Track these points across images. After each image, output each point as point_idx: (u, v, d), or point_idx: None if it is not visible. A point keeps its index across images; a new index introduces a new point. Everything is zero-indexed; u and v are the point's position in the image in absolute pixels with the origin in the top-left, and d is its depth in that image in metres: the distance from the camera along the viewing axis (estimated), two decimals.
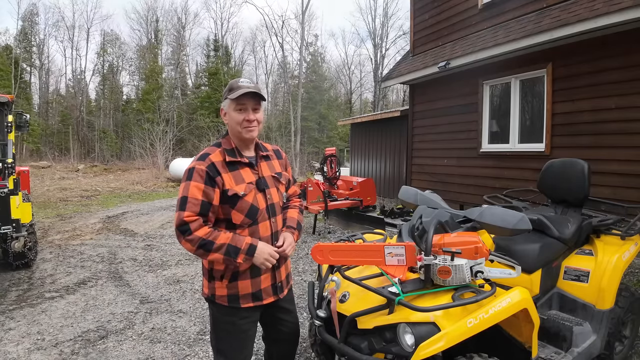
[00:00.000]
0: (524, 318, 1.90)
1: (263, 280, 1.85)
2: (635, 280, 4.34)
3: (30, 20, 32.39)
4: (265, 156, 1.91)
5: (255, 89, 1.74)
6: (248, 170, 1.81)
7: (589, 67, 5.16)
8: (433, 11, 7.84)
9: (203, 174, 1.68)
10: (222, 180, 1.70)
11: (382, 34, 35.14)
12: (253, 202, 1.76)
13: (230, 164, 1.76)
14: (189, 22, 36.80)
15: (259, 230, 1.79)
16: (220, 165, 1.73)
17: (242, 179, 1.76)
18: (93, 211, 10.08)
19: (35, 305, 4.01)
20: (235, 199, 1.72)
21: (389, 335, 1.81)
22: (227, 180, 1.71)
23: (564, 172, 2.90)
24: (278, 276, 1.92)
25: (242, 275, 1.79)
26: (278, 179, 1.91)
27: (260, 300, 1.85)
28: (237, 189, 1.72)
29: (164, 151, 20.03)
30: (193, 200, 1.66)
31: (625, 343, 2.71)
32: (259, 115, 1.80)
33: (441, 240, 1.86)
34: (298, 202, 2.11)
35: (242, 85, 1.74)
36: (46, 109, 33.73)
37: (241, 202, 1.73)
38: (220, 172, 1.71)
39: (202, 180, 1.68)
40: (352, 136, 13.04)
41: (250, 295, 1.83)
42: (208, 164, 1.71)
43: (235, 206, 1.73)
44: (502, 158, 6.45)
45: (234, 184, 1.73)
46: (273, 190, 1.86)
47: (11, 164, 4.92)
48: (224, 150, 1.78)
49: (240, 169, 1.78)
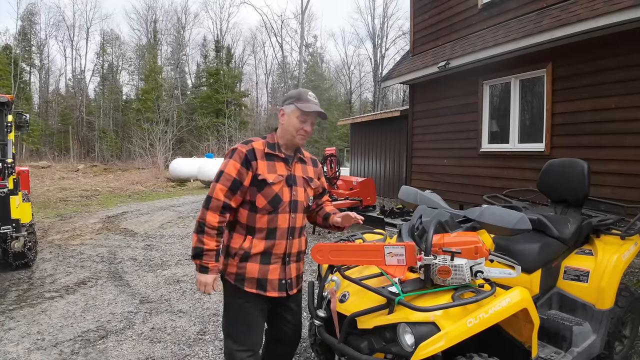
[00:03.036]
0: (524, 318, 1.90)
1: (271, 270, 1.93)
2: (635, 280, 4.34)
3: (29, 20, 32.40)
4: (301, 159, 2.07)
5: (323, 110, 1.97)
6: (282, 164, 1.96)
7: (589, 67, 5.16)
8: (433, 11, 7.84)
9: (242, 155, 1.87)
10: (256, 165, 1.88)
11: (382, 34, 35.17)
12: (278, 192, 1.90)
13: (268, 155, 1.93)
14: (189, 22, 36.84)
15: (278, 219, 1.90)
16: (259, 153, 1.90)
17: (275, 170, 1.92)
18: (93, 211, 10.08)
19: (35, 305, 4.01)
20: (263, 185, 1.88)
21: (389, 335, 1.81)
22: (260, 167, 1.88)
23: (564, 172, 2.90)
24: (288, 272, 1.98)
25: (252, 258, 1.90)
26: (308, 182, 2.05)
27: (263, 289, 1.92)
28: (268, 176, 1.88)
29: (163, 151, 20.04)
30: (227, 176, 1.85)
31: (625, 343, 2.71)
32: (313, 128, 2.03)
33: (441, 240, 1.86)
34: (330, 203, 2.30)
35: (311, 100, 1.94)
36: (46, 109, 33.74)
37: (267, 189, 1.88)
38: (257, 158, 1.89)
39: (239, 161, 1.86)
40: (352, 136, 13.04)
41: (255, 280, 1.91)
42: (249, 149, 1.89)
43: (261, 191, 1.88)
44: (502, 158, 6.45)
45: (266, 172, 1.89)
46: (300, 190, 1.99)
47: (11, 164, 4.91)
48: (267, 143, 1.95)
49: (276, 161, 1.94)
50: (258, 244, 1.90)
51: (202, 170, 15.38)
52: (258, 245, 1.90)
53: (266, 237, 1.90)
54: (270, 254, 1.92)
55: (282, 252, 1.94)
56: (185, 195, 13.55)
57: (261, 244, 1.90)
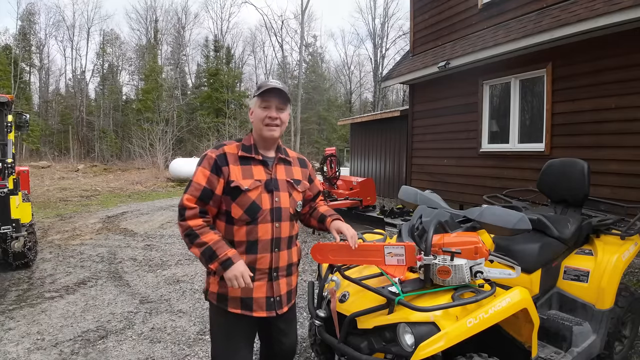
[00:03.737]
0: (524, 318, 1.91)
1: (256, 288, 1.72)
2: (635, 280, 4.34)
3: (29, 20, 32.39)
4: (284, 160, 1.84)
5: (283, 88, 1.73)
6: (261, 168, 1.76)
7: (589, 67, 5.16)
8: (433, 11, 7.84)
9: (212, 161, 1.69)
10: (228, 170, 1.69)
11: (382, 34, 35.18)
12: (256, 199, 1.69)
13: (243, 159, 1.73)
14: (189, 22, 36.84)
15: (258, 231, 1.70)
16: (232, 157, 1.72)
17: (251, 175, 1.72)
18: (93, 211, 10.08)
19: (35, 305, 4.01)
20: (237, 192, 1.68)
21: (389, 335, 1.81)
22: (233, 172, 1.69)
23: (564, 172, 2.90)
24: (276, 289, 1.76)
25: None
26: (294, 185, 1.82)
27: (249, 310, 1.72)
28: (242, 183, 1.68)
29: (163, 151, 20.04)
30: (196, 185, 1.67)
31: (624, 343, 2.71)
32: (283, 115, 1.76)
33: (441, 240, 1.86)
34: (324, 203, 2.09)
35: (270, 84, 1.73)
36: (46, 109, 33.73)
37: (243, 197, 1.68)
38: (229, 163, 1.70)
39: (209, 168, 1.69)
40: (352, 136, 13.04)
41: (239, 300, 1.71)
42: (219, 153, 1.71)
43: (235, 199, 1.69)
44: (502, 158, 6.45)
45: (240, 177, 1.69)
46: (284, 195, 1.76)
47: (11, 164, 4.92)
48: (241, 145, 1.77)
49: (253, 165, 1.75)
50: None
51: None
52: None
53: (246, 251, 1.70)
54: (252, 269, 1.69)
55: (267, 267, 1.73)
56: None
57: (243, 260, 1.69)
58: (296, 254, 1.87)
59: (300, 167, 1.91)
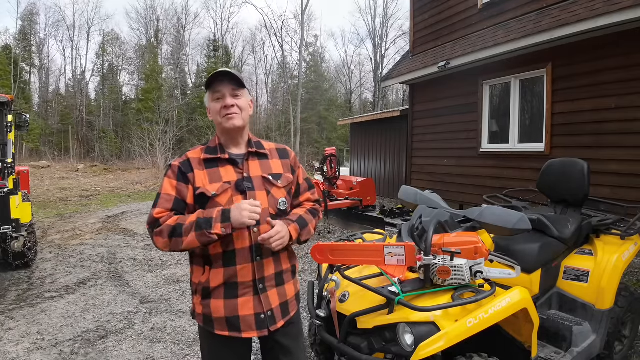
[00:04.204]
0: (524, 318, 1.91)
1: (241, 304, 1.49)
2: (635, 280, 4.34)
3: (29, 20, 32.39)
4: (257, 154, 1.62)
5: (231, 71, 1.54)
6: (230, 168, 1.55)
7: (589, 67, 5.16)
8: (433, 11, 7.84)
9: (176, 170, 1.54)
10: (194, 176, 1.52)
11: (382, 34, 35.19)
12: (227, 204, 1.48)
13: (208, 162, 1.55)
14: (189, 22, 36.84)
15: (234, 239, 1.48)
16: (196, 162, 1.55)
17: (219, 178, 1.52)
18: (93, 211, 10.08)
19: (35, 305, 4.01)
20: (204, 199, 1.50)
21: (389, 335, 1.81)
22: (199, 178, 1.52)
23: (564, 172, 2.90)
24: (265, 302, 1.52)
25: (214, 293, 1.51)
26: (272, 181, 1.58)
27: (237, 330, 1.50)
28: (208, 188, 1.50)
29: (163, 151, 20.02)
30: (166, 197, 1.51)
31: (624, 343, 2.71)
32: (241, 101, 1.56)
33: (441, 240, 1.86)
34: (310, 205, 1.73)
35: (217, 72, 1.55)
36: (46, 109, 33.72)
37: (211, 204, 1.49)
38: (194, 168, 1.53)
39: (174, 177, 1.53)
40: (352, 136, 13.04)
41: (224, 320, 1.50)
42: (182, 160, 1.56)
43: (205, 207, 1.49)
44: (502, 158, 6.45)
45: (207, 182, 1.51)
46: (260, 194, 1.53)
47: (11, 163, 4.92)
48: (205, 148, 1.60)
49: (220, 166, 1.55)
50: (216, 274, 1.49)
51: None
52: (216, 277, 1.49)
53: (224, 264, 1.48)
54: (234, 284, 1.49)
55: (251, 279, 1.50)
56: None
57: (219, 274, 1.49)
58: (287, 260, 1.62)
59: (280, 158, 1.67)
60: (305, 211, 1.66)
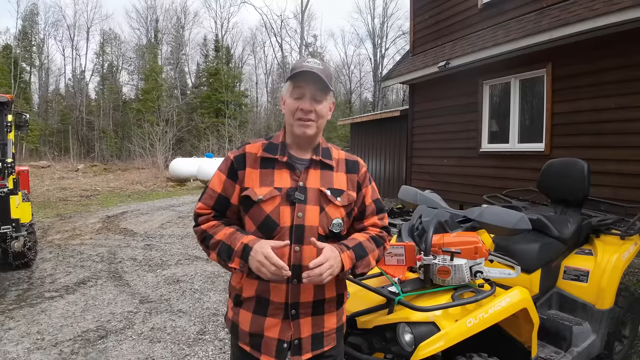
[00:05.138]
0: (524, 318, 1.91)
1: (268, 325, 1.32)
2: (635, 280, 4.34)
3: (30, 19, 32.39)
4: (322, 163, 1.39)
5: (321, 72, 1.30)
6: (286, 173, 1.35)
7: (589, 67, 5.16)
8: (433, 11, 7.84)
9: (229, 164, 1.38)
10: (244, 175, 1.35)
11: (382, 33, 35.20)
12: (271, 213, 1.30)
13: (265, 161, 1.36)
14: (189, 21, 36.84)
15: None
16: (252, 159, 1.36)
17: (271, 181, 1.33)
18: (93, 211, 10.08)
19: (34, 305, 4.01)
20: (249, 203, 1.32)
21: (389, 335, 1.81)
22: (249, 177, 1.34)
23: (564, 172, 2.90)
24: (295, 330, 1.32)
25: (245, 303, 1.36)
26: (329, 197, 1.34)
27: (257, 350, 1.34)
28: (256, 191, 1.31)
29: (163, 151, 20.03)
30: (210, 192, 1.39)
31: (624, 343, 2.71)
32: (321, 107, 1.34)
33: (441, 240, 1.86)
34: (376, 231, 1.45)
35: (307, 65, 1.32)
36: (45, 109, 33.73)
37: (255, 209, 1.32)
38: (247, 165, 1.36)
39: (225, 171, 1.38)
40: (351, 136, 13.04)
41: (248, 335, 1.35)
42: (238, 154, 1.38)
43: (248, 212, 1.34)
44: (502, 158, 6.45)
45: (256, 184, 1.33)
46: (311, 209, 1.31)
47: (11, 163, 4.92)
48: (267, 143, 1.40)
49: (276, 169, 1.35)
50: (249, 285, 1.34)
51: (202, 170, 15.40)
52: (249, 287, 1.34)
53: (259, 276, 1.27)
54: (266, 300, 1.32)
55: (283, 302, 1.31)
56: (185, 195, 13.55)
57: (253, 286, 1.33)
58: (333, 287, 1.38)
59: (346, 172, 1.42)
60: (367, 238, 1.39)
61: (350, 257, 1.30)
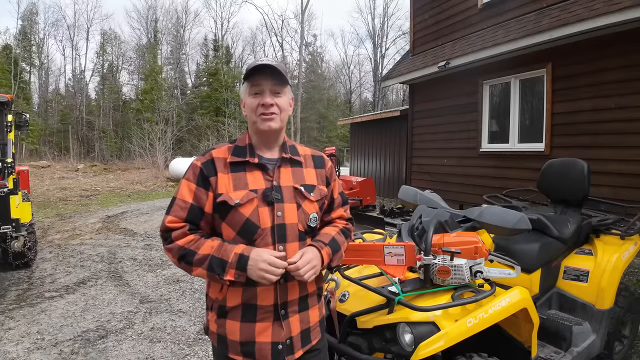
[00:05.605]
0: (524, 318, 1.91)
1: (259, 330, 1.31)
2: (635, 280, 4.34)
3: (30, 19, 32.39)
4: (292, 160, 1.41)
5: (276, 65, 1.33)
6: (258, 174, 1.35)
7: (588, 67, 5.16)
8: (433, 11, 7.84)
9: (197, 171, 1.33)
10: (216, 181, 1.31)
11: (382, 33, 35.20)
12: (251, 216, 1.29)
13: (235, 165, 1.34)
14: (189, 21, 36.83)
15: None
16: (221, 164, 1.34)
17: (245, 184, 1.32)
18: (93, 211, 10.08)
19: (35, 305, 4.01)
20: (226, 209, 1.29)
21: (389, 335, 1.81)
22: (222, 183, 1.31)
23: (564, 172, 2.90)
24: (286, 330, 1.33)
25: (231, 313, 1.33)
26: (304, 193, 1.37)
27: (252, 358, 1.33)
28: (232, 196, 1.29)
29: (163, 151, 20.02)
30: (181, 203, 1.32)
31: (624, 343, 2.71)
32: (281, 100, 1.35)
33: (441, 240, 1.86)
34: (343, 224, 1.55)
35: (259, 61, 1.33)
36: (45, 109, 33.72)
37: (233, 214, 1.29)
38: (218, 171, 1.33)
39: (194, 180, 1.33)
40: (351, 136, 13.04)
41: (239, 345, 1.33)
42: (205, 160, 1.35)
43: (225, 218, 1.31)
44: (502, 158, 6.45)
45: (230, 189, 1.30)
46: (289, 207, 1.34)
47: (11, 163, 4.92)
48: (234, 147, 1.38)
49: (248, 171, 1.34)
50: (234, 294, 1.31)
51: None
52: (234, 296, 1.31)
53: (245, 283, 1.28)
54: (253, 307, 1.31)
55: (272, 304, 1.31)
56: None
57: (237, 294, 1.31)
58: (314, 282, 1.41)
59: (315, 167, 1.46)
60: (337, 231, 1.47)
61: (328, 254, 1.37)
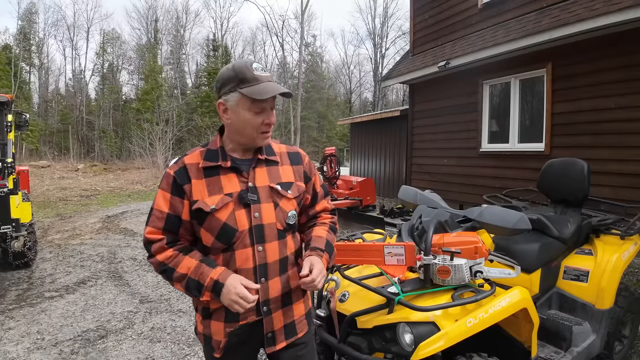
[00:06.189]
0: (524, 318, 1.91)
1: None
2: (635, 280, 4.34)
3: (29, 19, 32.39)
4: (266, 160, 1.40)
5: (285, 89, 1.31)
6: (233, 177, 1.34)
7: (588, 66, 5.16)
8: (433, 11, 7.84)
9: (171, 180, 1.32)
10: (190, 188, 1.31)
11: (382, 33, 35.21)
12: (227, 220, 1.29)
13: (208, 170, 1.33)
14: (189, 21, 36.87)
15: (236, 259, 1.32)
16: (194, 170, 1.33)
17: (220, 189, 1.31)
18: (93, 211, 10.08)
19: (35, 305, 4.01)
20: (202, 215, 1.29)
21: (389, 335, 1.81)
22: (196, 189, 1.30)
23: (564, 172, 2.90)
24: (267, 325, 1.37)
25: (215, 314, 1.36)
26: (280, 191, 1.37)
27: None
28: (207, 202, 1.29)
29: (163, 151, 20.02)
30: (158, 214, 1.31)
31: (624, 343, 2.71)
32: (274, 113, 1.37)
33: (441, 240, 1.86)
34: (328, 218, 1.56)
35: (262, 77, 1.28)
36: (45, 109, 33.74)
37: (210, 220, 1.30)
38: (191, 177, 1.32)
39: (168, 189, 1.32)
40: (351, 136, 13.04)
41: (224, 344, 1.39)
42: (177, 169, 1.33)
43: (202, 224, 1.31)
44: (502, 158, 6.45)
45: (205, 195, 1.30)
46: (266, 207, 1.34)
47: (11, 163, 4.92)
48: (205, 151, 1.37)
49: (222, 175, 1.33)
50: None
51: None
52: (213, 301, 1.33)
53: None
54: None
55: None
56: None
57: None
58: (297, 277, 1.40)
59: (291, 164, 1.45)
60: (327, 231, 1.49)
61: (327, 259, 1.43)
